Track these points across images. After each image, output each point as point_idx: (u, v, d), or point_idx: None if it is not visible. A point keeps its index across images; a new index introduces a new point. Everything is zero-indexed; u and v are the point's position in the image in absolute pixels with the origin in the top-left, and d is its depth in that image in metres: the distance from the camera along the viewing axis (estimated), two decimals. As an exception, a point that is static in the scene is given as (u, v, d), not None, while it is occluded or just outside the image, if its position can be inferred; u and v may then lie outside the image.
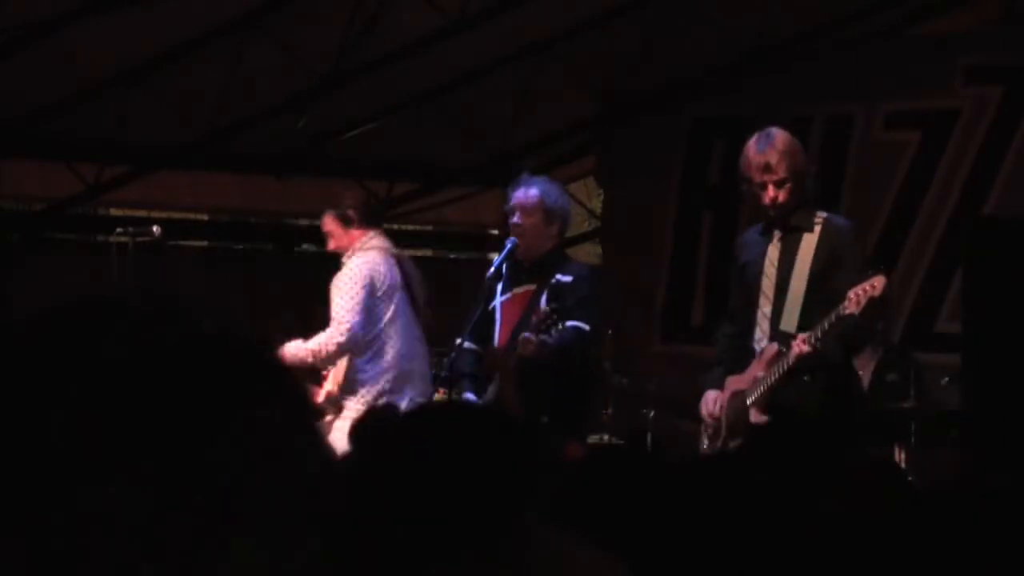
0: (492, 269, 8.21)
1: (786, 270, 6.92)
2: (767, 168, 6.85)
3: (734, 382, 7.08)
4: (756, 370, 6.99)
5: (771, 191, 6.86)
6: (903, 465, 7.74)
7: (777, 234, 6.97)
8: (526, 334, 7.78)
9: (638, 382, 9.01)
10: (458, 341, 8.15)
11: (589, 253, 12.50)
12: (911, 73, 9.76)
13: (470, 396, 8.05)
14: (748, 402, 6.96)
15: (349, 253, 8.41)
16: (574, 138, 11.07)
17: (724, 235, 10.35)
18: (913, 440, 7.82)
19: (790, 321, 6.89)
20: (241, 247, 8.68)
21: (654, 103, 10.48)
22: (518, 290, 8.14)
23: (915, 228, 9.56)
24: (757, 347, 7.01)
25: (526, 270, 8.14)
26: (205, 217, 9.49)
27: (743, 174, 6.95)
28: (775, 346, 6.89)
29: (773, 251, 6.96)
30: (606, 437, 8.45)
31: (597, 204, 12.51)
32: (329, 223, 8.43)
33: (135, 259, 8.56)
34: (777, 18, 9.53)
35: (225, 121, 9.60)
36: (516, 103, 10.03)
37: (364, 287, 8.32)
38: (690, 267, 10.47)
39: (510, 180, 8.39)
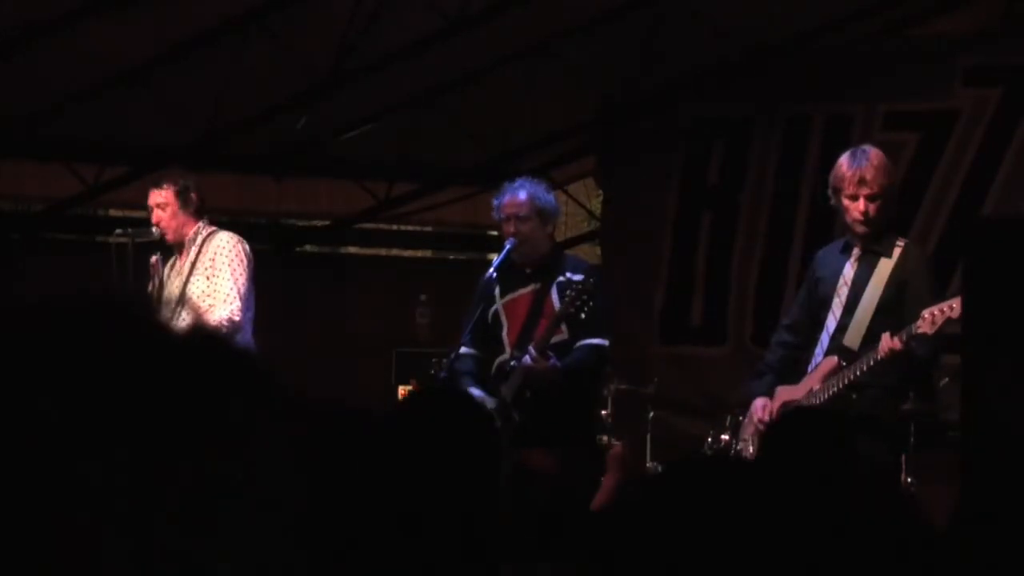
0: (491, 271, 8.21)
1: (858, 290, 7.07)
2: (861, 182, 7.01)
3: (785, 392, 7.18)
4: (811, 383, 7.09)
5: (862, 204, 7.02)
6: (902, 466, 7.73)
7: (856, 253, 7.10)
8: (533, 354, 7.79)
9: (637, 382, 9.00)
10: (459, 344, 8.16)
11: (589, 253, 12.50)
12: (910, 73, 9.76)
13: (475, 393, 8.04)
14: None
15: (198, 231, 8.34)
16: (574, 138, 11.07)
17: (723, 235, 10.36)
18: (912, 441, 7.81)
19: (854, 340, 7.04)
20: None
21: (654, 103, 10.48)
22: (523, 291, 8.14)
23: (914, 228, 9.55)
24: (813, 361, 7.13)
25: (528, 272, 8.14)
26: (204, 217, 9.53)
27: (834, 186, 7.11)
28: (834, 359, 7.01)
29: (849, 270, 7.14)
30: (605, 438, 8.45)
31: (597, 204, 12.51)
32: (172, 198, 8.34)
33: (135, 259, 8.56)
34: (777, 18, 9.53)
35: (224, 121, 9.60)
36: (516, 103, 10.03)
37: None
38: (689, 267, 10.46)
39: (507, 182, 8.39)
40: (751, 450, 7.36)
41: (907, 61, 9.80)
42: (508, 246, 8.11)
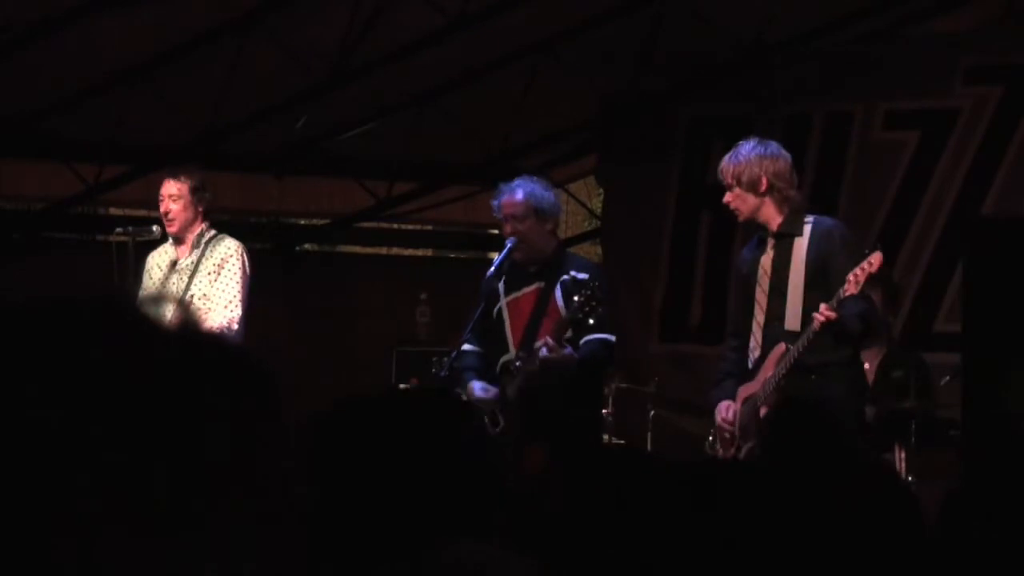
0: (492, 269, 8.21)
1: (781, 276, 7.13)
2: (721, 173, 7.27)
3: (744, 390, 7.28)
4: (764, 372, 7.13)
5: (728, 196, 7.24)
6: (903, 465, 7.74)
7: (770, 243, 7.18)
8: (551, 343, 7.78)
9: (637, 381, 9.01)
10: (460, 343, 8.16)
11: (589, 253, 12.51)
12: (911, 73, 9.76)
13: (478, 390, 8.04)
14: (759, 403, 7.07)
15: (203, 232, 8.33)
16: (574, 138, 11.07)
17: (722, 235, 10.35)
18: (913, 440, 7.82)
19: (794, 321, 7.06)
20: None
21: (654, 103, 10.48)
22: (527, 289, 8.14)
23: (914, 227, 9.55)
24: (751, 356, 7.18)
25: (531, 271, 8.14)
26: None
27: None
28: (782, 346, 7.06)
29: (766, 261, 7.18)
30: (606, 437, 8.46)
31: (597, 203, 12.51)
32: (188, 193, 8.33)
33: (135, 259, 8.56)
34: (777, 18, 9.53)
35: (225, 121, 9.60)
36: (516, 103, 10.03)
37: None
38: (688, 267, 10.47)
39: (507, 180, 8.40)
40: (720, 451, 7.42)
41: (907, 60, 9.81)
42: (508, 245, 8.11)
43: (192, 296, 8.26)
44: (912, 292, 9.50)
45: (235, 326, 8.19)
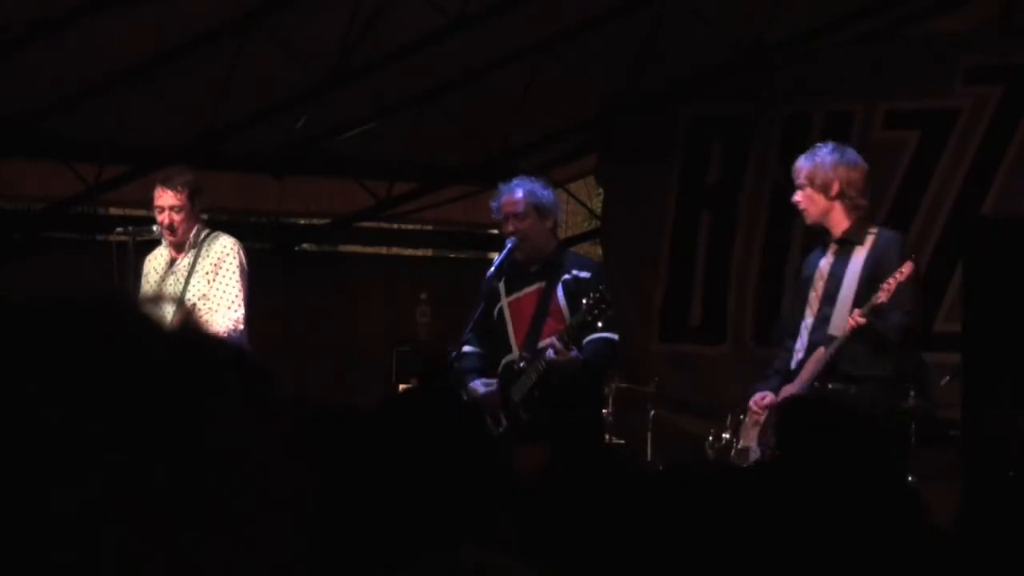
0: (492, 269, 8.21)
1: (836, 281, 7.28)
2: (795, 173, 7.41)
3: (786, 389, 7.35)
4: (804, 375, 7.24)
5: (798, 195, 7.40)
6: (905, 463, 7.74)
7: (832, 247, 7.36)
8: (558, 345, 7.78)
9: (637, 381, 9.01)
10: (460, 343, 8.16)
11: (589, 253, 12.51)
12: (911, 73, 9.76)
13: (480, 387, 8.04)
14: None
15: (198, 232, 8.28)
16: (574, 138, 11.07)
17: (722, 235, 10.37)
18: (913, 440, 7.82)
19: (838, 328, 7.20)
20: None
21: (654, 103, 10.48)
22: (528, 289, 8.13)
23: (914, 227, 9.55)
24: (795, 358, 7.28)
25: (532, 271, 8.13)
26: (205, 217, 9.48)
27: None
28: (823, 350, 7.17)
29: (825, 264, 7.33)
30: (606, 437, 8.46)
31: (597, 203, 12.51)
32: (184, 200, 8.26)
33: (135, 259, 8.56)
34: (777, 18, 9.53)
35: (225, 121, 9.60)
36: (516, 103, 10.03)
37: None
38: (689, 267, 10.47)
39: (510, 180, 8.40)
40: (753, 445, 7.46)
41: (907, 60, 9.81)
42: (509, 245, 8.11)
43: (191, 297, 8.22)
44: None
45: (240, 326, 8.16)
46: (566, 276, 8.02)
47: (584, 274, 8.02)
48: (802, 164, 7.42)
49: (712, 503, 2.73)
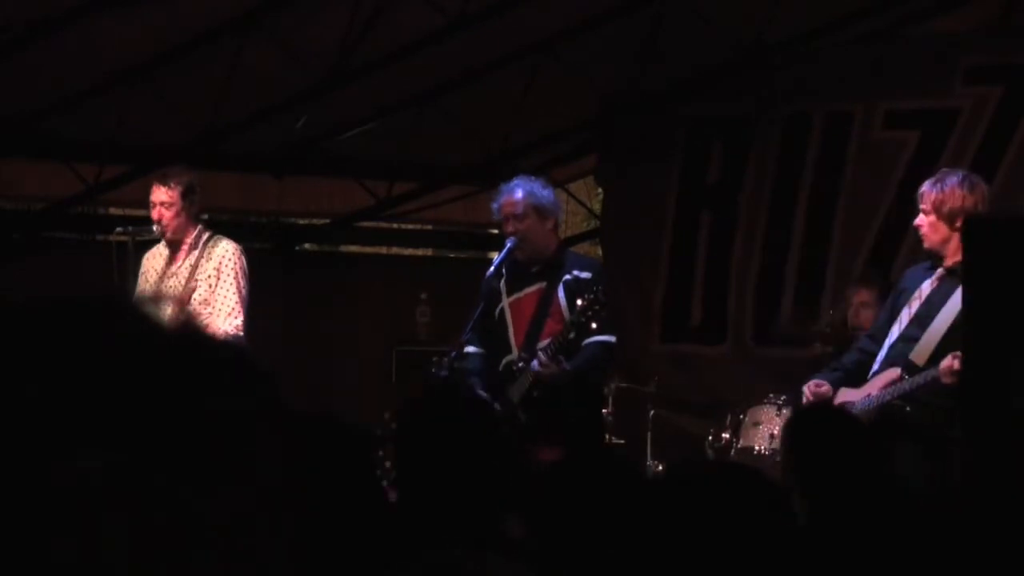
0: (492, 269, 8.20)
1: (932, 308, 7.21)
2: (922, 198, 7.33)
3: (845, 393, 7.30)
4: (870, 388, 7.19)
5: (920, 218, 7.34)
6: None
7: (940, 272, 7.28)
8: (543, 358, 7.77)
9: (637, 381, 9.01)
10: (461, 343, 8.15)
11: (589, 253, 12.51)
12: (911, 73, 9.76)
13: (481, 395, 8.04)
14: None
15: (198, 235, 8.29)
16: (574, 138, 11.07)
17: (722, 235, 10.36)
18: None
19: (922, 356, 7.17)
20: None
21: (654, 103, 10.48)
22: (529, 290, 8.13)
23: (913, 227, 9.56)
24: (874, 367, 7.25)
25: (533, 271, 8.13)
26: (205, 217, 9.48)
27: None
28: (898, 371, 7.14)
29: (927, 287, 7.32)
30: (606, 437, 8.46)
31: (597, 203, 12.52)
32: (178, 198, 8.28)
33: (135, 259, 8.57)
34: (777, 18, 9.53)
35: (225, 121, 9.60)
36: (516, 103, 10.03)
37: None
38: (689, 266, 10.47)
39: (510, 180, 8.40)
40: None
41: (907, 60, 9.81)
42: (509, 245, 8.10)
43: (192, 301, 8.23)
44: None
45: (240, 333, 8.17)
46: (567, 276, 8.01)
47: (585, 274, 8.01)
48: (930, 190, 7.29)
49: (712, 504, 2.73)
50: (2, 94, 9.23)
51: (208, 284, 8.26)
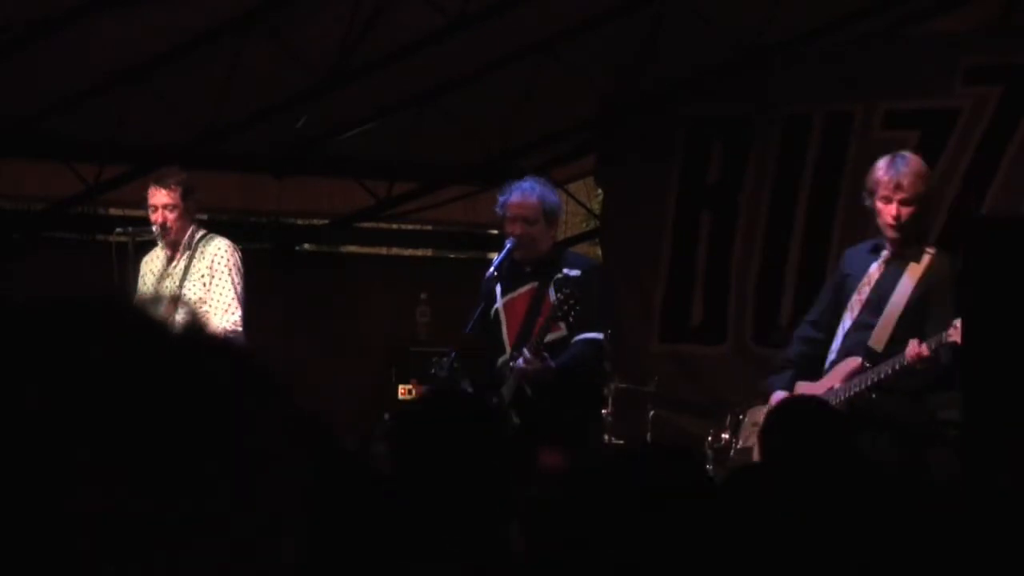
0: (491, 270, 8.19)
1: (882, 293, 7.15)
2: (897, 187, 7.12)
3: (804, 388, 7.24)
4: (831, 381, 7.14)
5: (895, 208, 7.13)
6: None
7: (885, 255, 7.16)
8: (526, 355, 7.77)
9: (637, 381, 9.01)
10: (460, 343, 8.15)
11: (589, 252, 12.51)
12: (911, 73, 9.76)
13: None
14: None
15: (193, 234, 8.29)
16: (574, 138, 11.07)
17: (722, 235, 10.36)
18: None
19: (879, 341, 7.11)
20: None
21: (654, 103, 10.48)
22: (522, 289, 8.12)
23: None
24: (829, 358, 7.20)
25: (527, 271, 8.12)
26: (204, 217, 9.48)
27: (870, 188, 7.21)
28: (858, 360, 7.08)
29: (875, 271, 7.20)
30: (605, 437, 8.46)
31: (597, 203, 12.52)
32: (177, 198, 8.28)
33: (135, 259, 8.57)
34: (777, 18, 9.53)
35: (225, 121, 9.60)
36: (516, 103, 10.03)
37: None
38: (689, 266, 10.47)
39: (509, 180, 8.39)
40: (740, 443, 7.42)
41: (907, 60, 9.81)
42: (508, 245, 8.09)
43: (188, 300, 8.22)
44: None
45: (239, 328, 8.17)
46: (558, 275, 7.99)
47: (574, 272, 7.97)
48: (904, 177, 7.16)
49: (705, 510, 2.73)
50: (2, 94, 9.23)
51: (203, 283, 8.27)
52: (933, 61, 9.74)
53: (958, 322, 6.86)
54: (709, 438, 8.31)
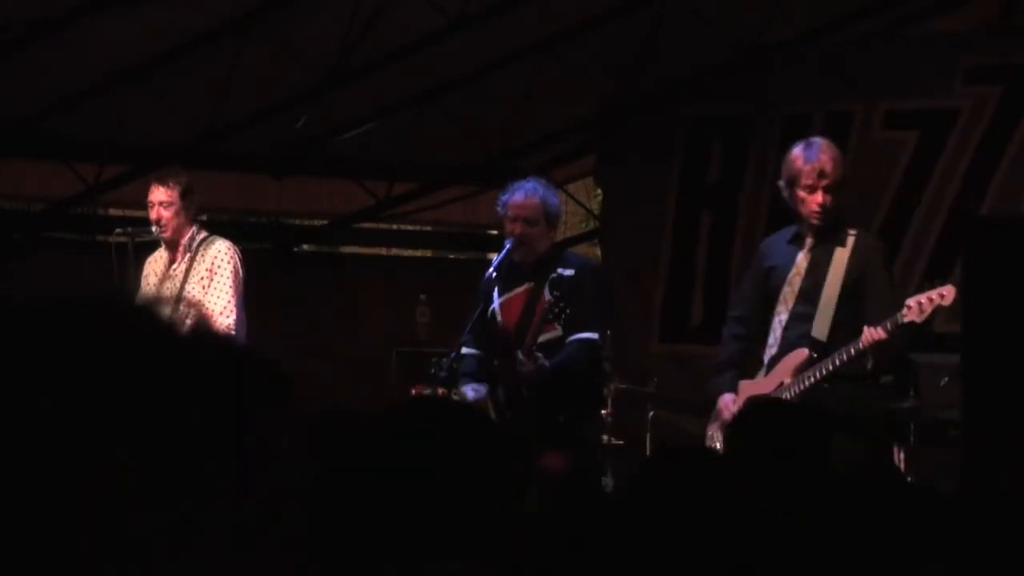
0: (491, 270, 8.19)
1: (815, 281, 7.07)
2: (821, 174, 7.03)
3: (750, 387, 7.20)
4: (780, 376, 7.09)
5: (821, 196, 7.04)
6: (902, 466, 7.73)
7: (808, 243, 7.10)
8: (520, 356, 7.77)
9: (637, 381, 9.00)
10: (459, 344, 8.14)
11: (589, 253, 12.51)
12: (911, 73, 9.77)
13: (469, 392, 8.03)
14: None
15: (194, 235, 8.31)
16: (574, 138, 11.07)
17: (722, 235, 10.36)
18: (912, 440, 7.82)
19: (821, 330, 7.02)
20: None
21: (654, 103, 10.48)
22: (518, 290, 8.12)
23: (913, 227, 9.56)
24: (767, 352, 7.14)
25: (524, 271, 8.12)
26: (204, 217, 9.49)
27: (788, 179, 7.07)
28: (804, 352, 7.01)
29: (803, 260, 7.11)
30: (605, 437, 8.45)
31: (597, 204, 12.52)
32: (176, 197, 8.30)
33: (135, 259, 8.57)
34: (777, 18, 9.53)
35: (225, 121, 9.60)
36: (516, 103, 10.03)
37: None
38: (689, 267, 10.47)
39: (510, 180, 8.38)
40: (718, 447, 7.37)
41: (907, 60, 9.81)
42: (508, 245, 8.08)
43: (191, 302, 8.23)
44: (911, 292, 9.49)
45: (232, 332, 8.17)
46: (553, 275, 7.97)
47: (568, 272, 7.95)
48: (826, 163, 7.13)
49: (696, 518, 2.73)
50: (2, 94, 9.23)
51: (201, 285, 8.29)
52: (933, 61, 9.74)
53: (911, 301, 6.83)
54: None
